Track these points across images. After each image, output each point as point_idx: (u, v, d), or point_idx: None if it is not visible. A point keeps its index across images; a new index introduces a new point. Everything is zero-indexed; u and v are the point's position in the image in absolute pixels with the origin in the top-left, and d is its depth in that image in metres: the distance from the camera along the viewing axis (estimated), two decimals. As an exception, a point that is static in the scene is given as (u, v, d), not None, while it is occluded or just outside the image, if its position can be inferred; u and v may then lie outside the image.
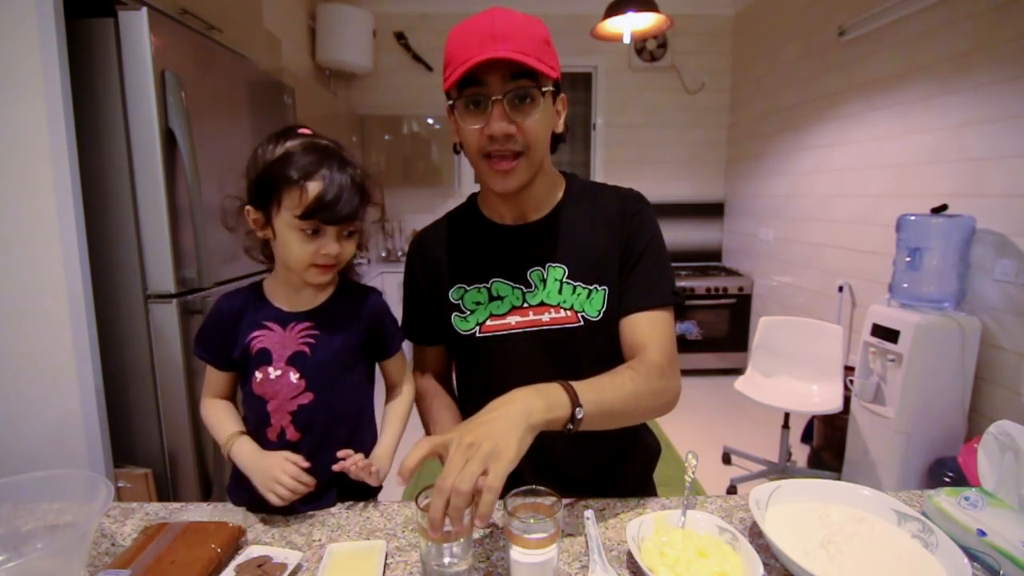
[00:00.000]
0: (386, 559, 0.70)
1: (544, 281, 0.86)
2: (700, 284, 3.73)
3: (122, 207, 1.38)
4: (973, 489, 0.75)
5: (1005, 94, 1.92)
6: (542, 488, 0.65)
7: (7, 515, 0.67)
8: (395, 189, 4.09)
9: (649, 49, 4.05)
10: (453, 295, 0.90)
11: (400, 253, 4.18)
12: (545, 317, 0.85)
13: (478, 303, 0.88)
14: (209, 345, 0.87)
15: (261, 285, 0.89)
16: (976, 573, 0.64)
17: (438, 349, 0.99)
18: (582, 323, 0.84)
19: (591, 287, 0.85)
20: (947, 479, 1.81)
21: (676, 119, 4.17)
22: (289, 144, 0.81)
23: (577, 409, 0.67)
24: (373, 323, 0.91)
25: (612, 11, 2.31)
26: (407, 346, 0.97)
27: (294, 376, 0.84)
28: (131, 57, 1.32)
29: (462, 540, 0.63)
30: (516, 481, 0.64)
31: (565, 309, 0.85)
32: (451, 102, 0.80)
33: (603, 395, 0.71)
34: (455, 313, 0.89)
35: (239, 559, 0.68)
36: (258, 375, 0.84)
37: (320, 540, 0.74)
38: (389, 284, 3.76)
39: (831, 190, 2.93)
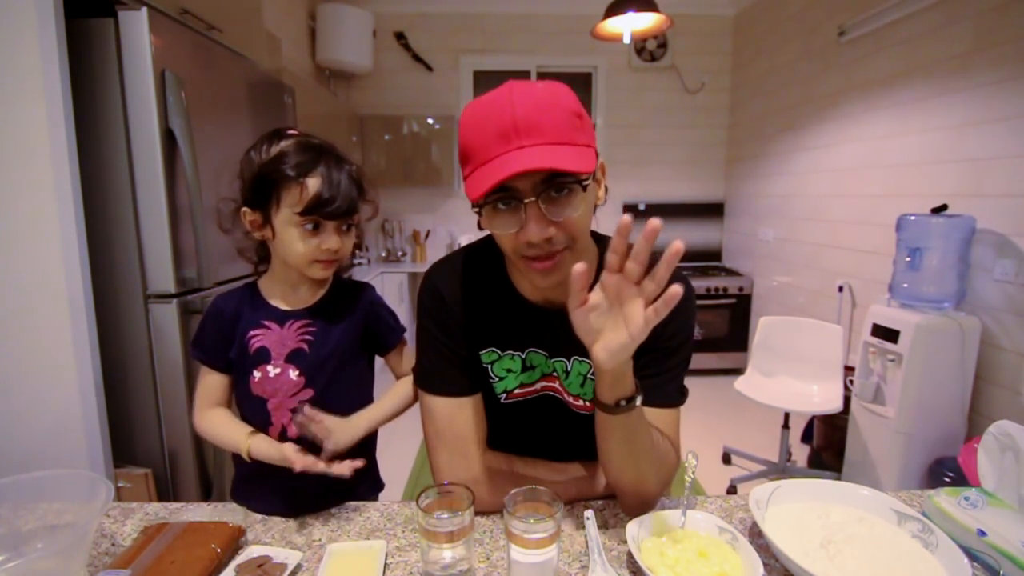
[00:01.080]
0: (386, 559, 0.70)
1: (568, 373, 0.81)
2: (700, 284, 3.73)
3: (122, 207, 1.38)
4: (973, 489, 0.75)
5: (1005, 94, 1.92)
6: (542, 488, 0.65)
7: (7, 515, 0.67)
8: (395, 189, 4.10)
9: (649, 49, 4.05)
10: (484, 357, 0.82)
11: (400, 253, 4.18)
12: (567, 396, 0.83)
13: (510, 371, 0.82)
14: (207, 346, 0.87)
15: (256, 285, 0.89)
16: (976, 573, 0.64)
17: (478, 402, 0.83)
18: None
19: None
20: (947, 479, 1.81)
21: (676, 119, 4.17)
22: (283, 144, 0.82)
23: (638, 396, 0.67)
24: (369, 317, 0.91)
25: (612, 11, 2.31)
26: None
27: (293, 373, 0.84)
28: (131, 57, 1.32)
29: (462, 540, 0.63)
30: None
31: (585, 400, 0.82)
32: (477, 208, 0.69)
33: (643, 419, 0.71)
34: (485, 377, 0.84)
35: (239, 559, 0.68)
36: (256, 374, 0.84)
37: (320, 540, 0.74)
38: (389, 284, 3.76)
39: (831, 190, 2.93)
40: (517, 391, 0.83)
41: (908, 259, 2.00)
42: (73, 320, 1.26)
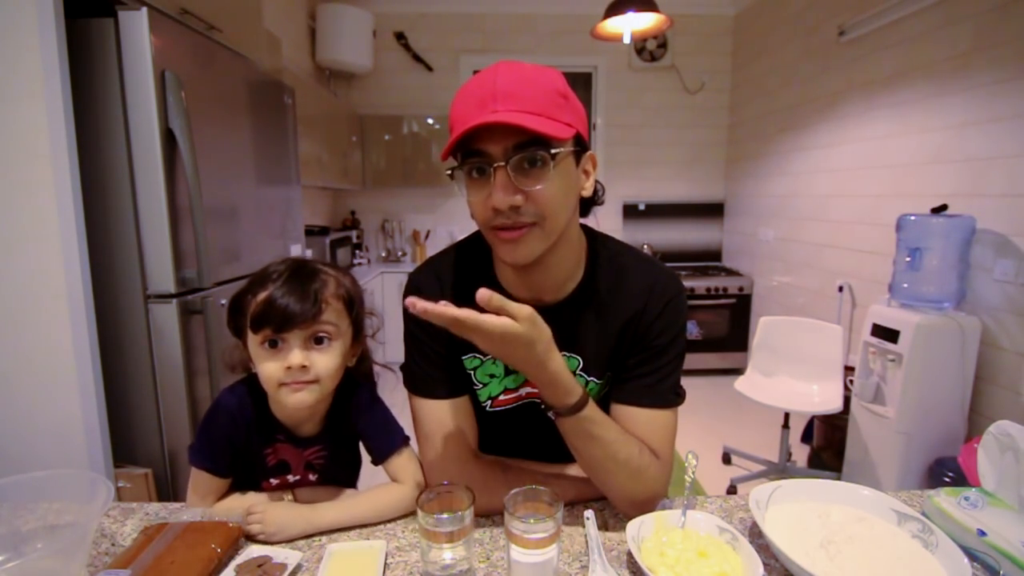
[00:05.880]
0: (386, 559, 0.70)
1: None
2: (700, 284, 3.73)
3: (122, 207, 1.38)
4: (973, 489, 0.75)
5: (1005, 94, 1.92)
6: (542, 488, 0.65)
7: (7, 515, 0.67)
8: (395, 189, 4.10)
9: (649, 49, 4.05)
10: (467, 363, 0.81)
11: (400, 253, 4.18)
12: None
13: (492, 376, 0.81)
14: (216, 457, 0.80)
15: (264, 396, 0.81)
16: (976, 573, 0.64)
17: (466, 405, 0.82)
18: None
19: (601, 380, 0.81)
20: (947, 479, 1.81)
21: (676, 119, 4.17)
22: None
23: (552, 410, 0.70)
24: (361, 428, 0.84)
25: (612, 11, 2.31)
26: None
27: (312, 476, 0.85)
28: (131, 57, 1.32)
29: (462, 540, 0.63)
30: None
31: None
32: (450, 171, 0.70)
33: (604, 428, 0.71)
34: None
35: (239, 559, 0.68)
36: (274, 480, 0.84)
37: (320, 540, 0.74)
38: (389, 284, 3.76)
39: (831, 190, 2.93)
40: (501, 397, 0.82)
41: (908, 259, 2.00)
42: (73, 320, 1.26)
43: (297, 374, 0.73)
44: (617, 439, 0.72)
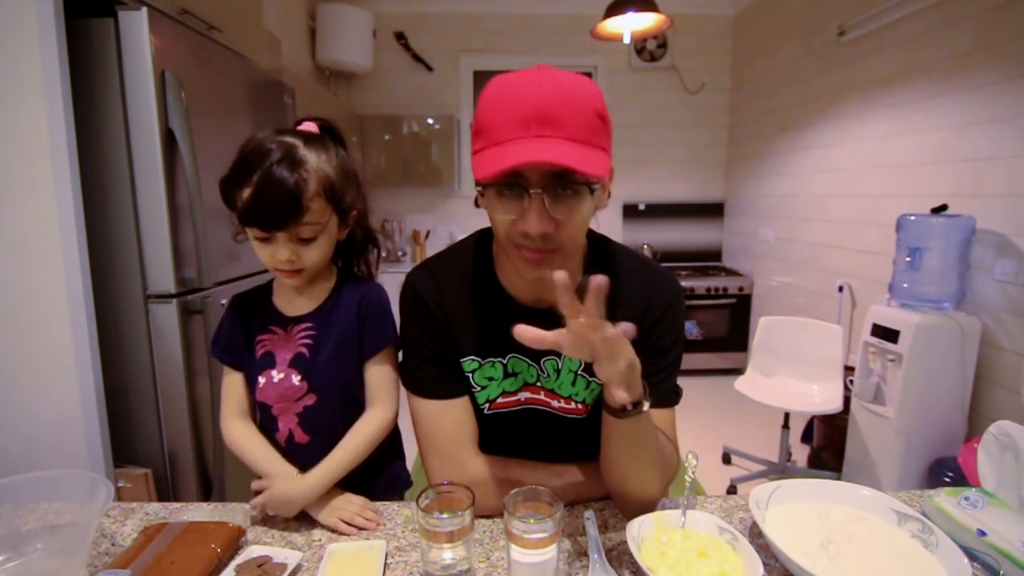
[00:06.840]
0: (386, 559, 0.70)
1: (558, 372, 0.80)
2: (700, 284, 3.73)
3: (122, 207, 1.38)
4: (973, 489, 0.75)
5: (1005, 94, 1.92)
6: (542, 488, 0.65)
7: (7, 515, 0.67)
8: (395, 189, 4.09)
9: (649, 49, 4.05)
10: (465, 366, 0.81)
11: (400, 253, 4.18)
12: (554, 403, 0.82)
13: (491, 379, 0.81)
14: (227, 346, 0.87)
15: (271, 285, 0.89)
16: (976, 573, 0.64)
17: (466, 405, 0.82)
18: (588, 414, 0.81)
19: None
20: (947, 479, 1.81)
21: (676, 119, 4.17)
22: (249, 144, 0.78)
23: (646, 401, 0.66)
24: (360, 316, 0.86)
25: (612, 11, 2.31)
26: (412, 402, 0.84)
27: (296, 378, 0.83)
28: (131, 57, 1.32)
29: (462, 540, 0.63)
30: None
31: (576, 402, 0.81)
32: (480, 188, 0.68)
33: (651, 423, 0.71)
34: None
35: (239, 559, 0.68)
36: (261, 380, 0.84)
37: (320, 540, 0.74)
38: (389, 285, 3.70)
39: (831, 190, 2.93)
40: (500, 400, 0.82)
41: (908, 259, 2.00)
42: (73, 320, 1.26)
43: (285, 265, 0.79)
44: (655, 430, 0.74)
